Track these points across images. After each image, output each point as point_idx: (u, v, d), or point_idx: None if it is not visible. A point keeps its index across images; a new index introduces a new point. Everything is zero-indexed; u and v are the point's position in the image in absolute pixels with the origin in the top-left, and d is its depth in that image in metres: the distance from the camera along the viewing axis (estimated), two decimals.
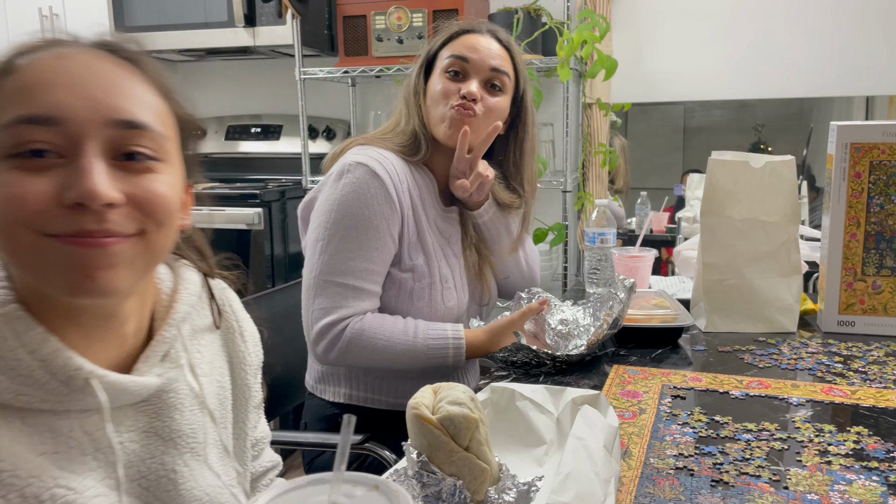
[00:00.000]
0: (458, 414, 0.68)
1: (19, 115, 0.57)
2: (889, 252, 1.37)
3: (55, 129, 0.58)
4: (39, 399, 0.61)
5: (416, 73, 1.40)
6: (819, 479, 0.83)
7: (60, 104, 0.58)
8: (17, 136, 0.58)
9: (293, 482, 0.45)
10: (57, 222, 0.58)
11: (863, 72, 2.73)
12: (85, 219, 0.58)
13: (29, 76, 0.59)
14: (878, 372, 1.18)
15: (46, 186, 0.58)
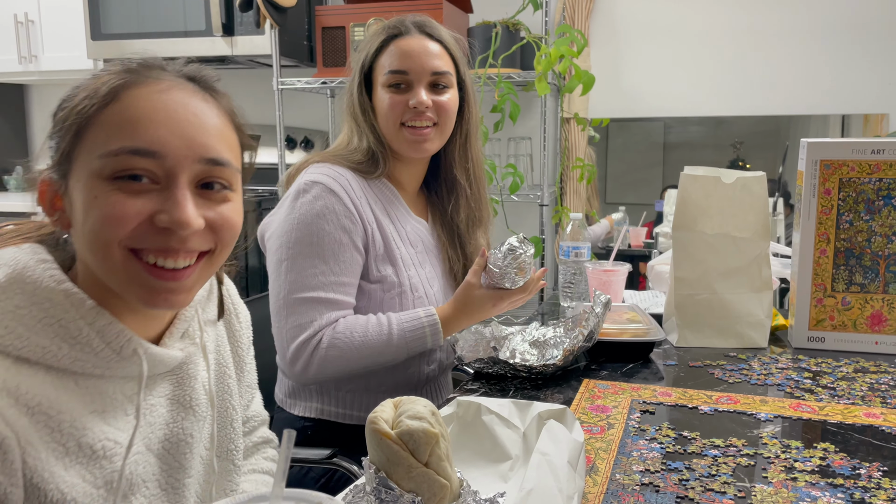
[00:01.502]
0: (417, 429, 0.67)
1: (126, 147, 0.66)
2: (858, 268, 1.38)
3: (155, 161, 0.68)
4: (92, 364, 0.70)
5: (357, 89, 1.36)
6: (784, 495, 0.83)
7: (161, 140, 0.68)
8: (121, 164, 0.67)
9: (234, 499, 0.43)
10: (146, 239, 0.69)
11: (838, 90, 2.77)
12: (171, 239, 0.69)
13: (134, 109, 0.68)
14: (846, 388, 1.18)
15: (142, 208, 0.67)
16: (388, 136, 1.35)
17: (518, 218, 2.90)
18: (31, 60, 3.28)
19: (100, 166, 0.67)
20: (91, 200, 0.67)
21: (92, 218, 0.67)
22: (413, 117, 1.32)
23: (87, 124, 0.68)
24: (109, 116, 0.68)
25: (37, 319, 0.67)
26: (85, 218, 0.68)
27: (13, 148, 3.76)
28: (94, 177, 0.67)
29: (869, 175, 1.35)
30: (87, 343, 0.69)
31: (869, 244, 1.37)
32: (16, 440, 0.62)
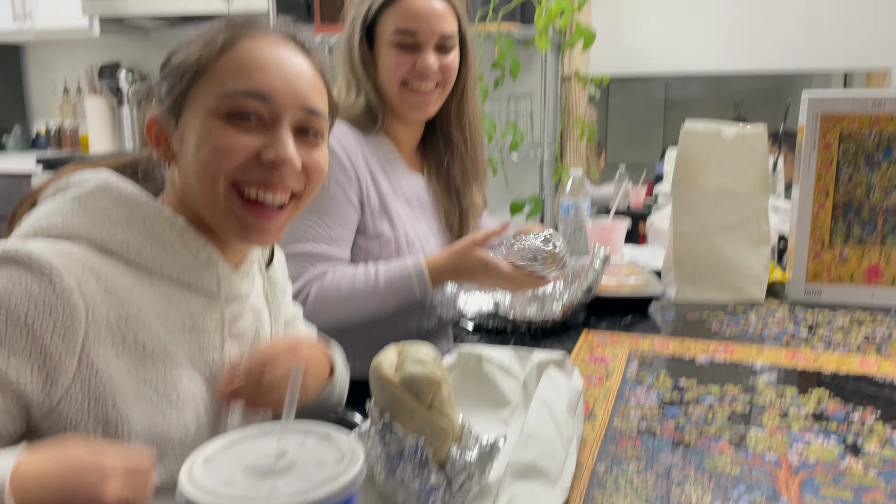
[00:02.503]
0: (420, 374, 0.68)
1: (241, 89, 0.74)
2: (857, 222, 1.38)
3: (264, 103, 0.75)
4: (171, 265, 0.76)
5: (359, 43, 1.33)
6: (778, 439, 0.85)
7: (272, 86, 0.76)
8: (236, 103, 0.74)
9: (244, 431, 0.45)
10: (250, 172, 0.76)
11: (841, 47, 2.74)
12: (273, 174, 0.76)
13: (248, 58, 0.76)
14: (842, 339, 1.20)
15: (251, 143, 0.75)
16: (388, 93, 1.34)
17: (518, 176, 2.89)
18: (25, 18, 3.24)
19: (216, 105, 0.75)
20: (206, 134, 0.75)
21: (205, 150, 0.75)
22: (417, 78, 1.31)
23: (205, 69, 0.76)
24: (226, 62, 0.76)
25: (123, 218, 0.75)
26: (197, 150, 0.75)
27: (11, 109, 3.74)
28: (210, 114, 0.75)
29: (869, 128, 1.35)
30: (167, 243, 0.76)
31: (868, 197, 1.37)
32: (85, 314, 0.67)
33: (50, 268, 0.66)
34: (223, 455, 0.43)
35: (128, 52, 3.57)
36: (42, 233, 0.72)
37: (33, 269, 0.65)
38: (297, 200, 0.82)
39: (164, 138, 0.80)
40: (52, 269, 0.66)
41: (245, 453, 0.42)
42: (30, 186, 2.98)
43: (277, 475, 0.40)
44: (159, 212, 0.77)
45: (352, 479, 0.40)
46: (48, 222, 0.73)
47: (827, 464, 0.79)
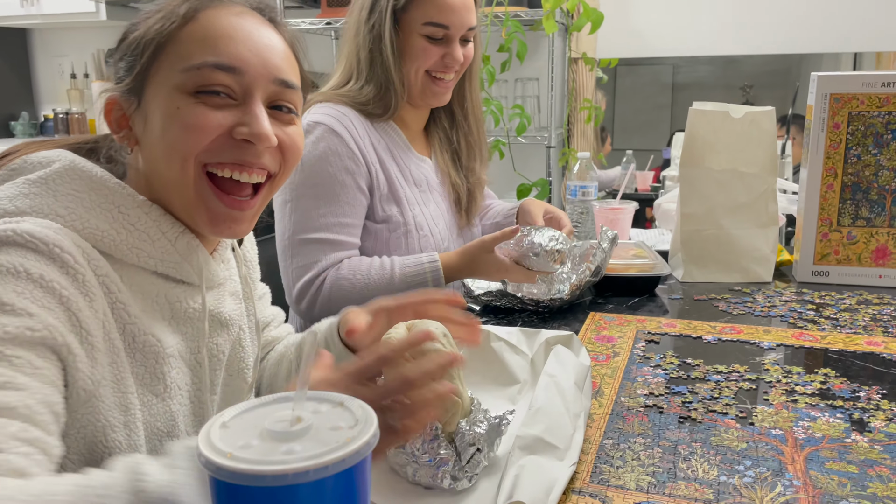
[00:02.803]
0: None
1: (209, 61, 0.69)
2: (865, 203, 1.38)
3: (234, 76, 0.70)
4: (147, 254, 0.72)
5: (389, 31, 1.30)
6: (784, 415, 0.85)
7: (242, 57, 0.71)
8: (203, 78, 0.69)
9: (259, 400, 0.46)
10: (223, 152, 0.71)
11: (850, 28, 2.72)
12: (247, 152, 0.72)
13: (214, 28, 0.71)
14: (849, 319, 1.20)
15: (223, 120, 0.70)
16: (410, 81, 1.34)
17: (525, 160, 2.89)
18: (32, 3, 3.24)
19: (182, 80, 0.70)
20: (173, 112, 0.70)
21: (174, 129, 0.70)
22: (442, 69, 1.32)
23: (167, 42, 0.70)
24: (190, 34, 0.70)
25: (95, 203, 0.70)
26: (164, 130, 0.70)
27: (18, 94, 3.75)
28: (175, 90, 0.70)
29: (878, 108, 1.34)
30: (143, 231, 0.71)
31: (876, 178, 1.37)
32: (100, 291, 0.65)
33: (60, 248, 0.63)
34: (239, 420, 0.43)
35: None
36: (6, 216, 0.66)
37: (39, 249, 0.62)
38: (272, 182, 0.77)
39: (125, 121, 0.74)
40: (62, 249, 0.63)
41: (261, 419, 0.43)
42: None
43: (293, 439, 0.41)
44: (133, 197, 0.72)
45: (366, 443, 0.41)
46: (13, 206, 0.67)
47: (833, 439, 0.80)
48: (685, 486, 0.71)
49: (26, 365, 0.57)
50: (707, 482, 0.71)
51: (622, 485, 0.71)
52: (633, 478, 0.72)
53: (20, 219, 0.65)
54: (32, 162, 0.72)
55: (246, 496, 0.39)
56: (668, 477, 0.72)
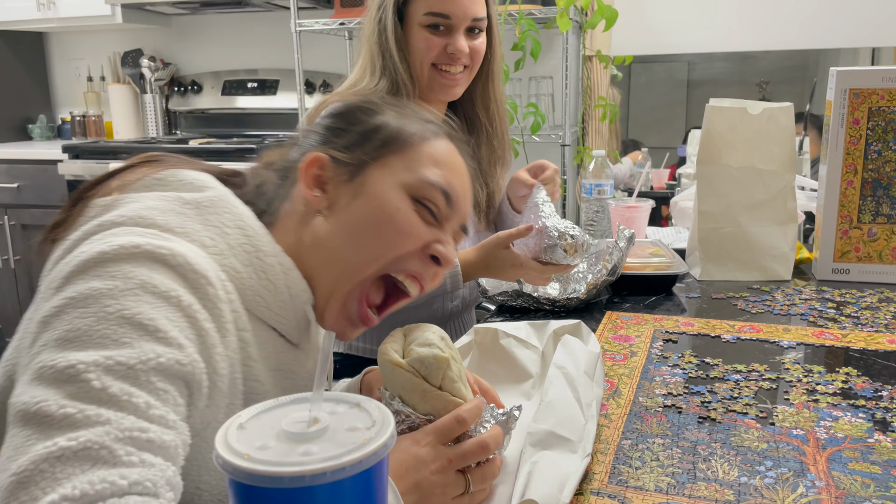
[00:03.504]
0: (427, 354, 0.68)
1: (440, 186, 0.74)
2: (885, 199, 1.36)
3: (447, 206, 0.75)
4: (265, 305, 0.70)
5: (392, 25, 1.32)
6: (806, 415, 0.84)
7: (458, 195, 0.76)
8: (430, 193, 0.73)
9: (276, 401, 0.45)
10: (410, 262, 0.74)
11: (868, 22, 2.68)
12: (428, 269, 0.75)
13: (450, 160, 0.77)
14: (870, 317, 1.19)
15: (427, 237, 0.74)
16: (417, 74, 1.34)
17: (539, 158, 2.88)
18: (49, 7, 3.27)
19: (412, 184, 0.73)
20: (391, 210, 0.72)
21: (386, 226, 0.71)
22: (447, 61, 1.31)
23: (410, 147, 0.74)
24: (432, 152, 0.75)
25: (238, 242, 0.69)
26: (373, 221, 0.71)
27: (35, 97, 3.78)
28: (401, 189, 0.73)
29: None
30: (272, 282, 0.70)
31: None
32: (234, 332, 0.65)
33: (207, 280, 0.62)
34: (256, 421, 0.43)
35: (150, 39, 3.59)
36: (156, 229, 0.65)
37: (188, 276, 0.61)
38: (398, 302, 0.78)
39: (321, 182, 0.74)
40: (208, 281, 0.62)
41: (278, 420, 0.43)
42: (56, 171, 3.02)
43: (310, 440, 0.41)
44: (276, 251, 0.71)
45: (383, 444, 0.40)
46: (164, 220, 0.66)
47: (855, 440, 0.79)
48: (705, 486, 0.70)
49: (171, 400, 0.56)
50: (727, 483, 0.70)
51: (641, 486, 0.70)
52: (652, 479, 0.71)
53: (170, 237, 0.64)
54: (184, 180, 0.72)
55: (263, 497, 0.39)
56: (688, 478, 0.71)
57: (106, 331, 0.55)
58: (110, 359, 0.54)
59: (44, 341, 0.56)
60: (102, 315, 0.56)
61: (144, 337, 0.56)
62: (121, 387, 0.53)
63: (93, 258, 0.59)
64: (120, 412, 0.52)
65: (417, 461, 0.64)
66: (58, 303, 0.57)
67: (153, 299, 0.58)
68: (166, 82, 3.53)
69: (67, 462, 0.49)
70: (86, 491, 0.47)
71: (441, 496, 0.65)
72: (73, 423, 0.51)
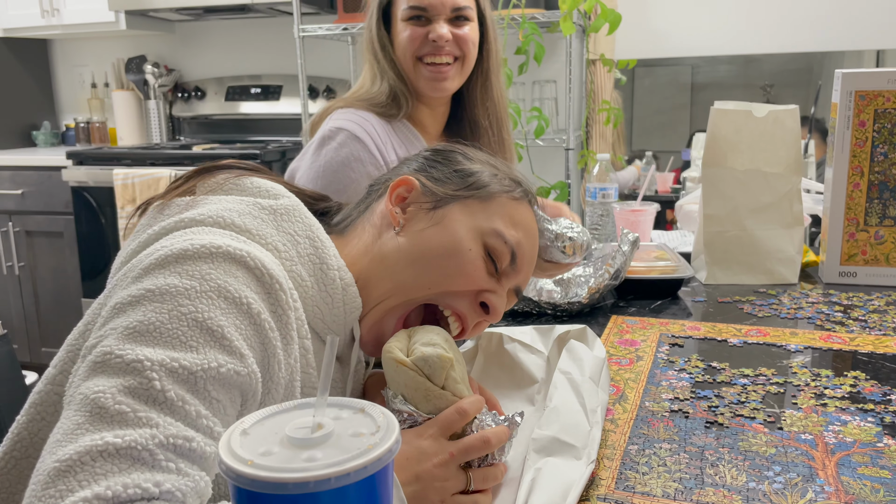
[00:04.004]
0: (432, 354, 0.68)
1: (507, 239, 0.77)
2: (892, 202, 1.35)
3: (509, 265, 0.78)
4: (321, 316, 0.72)
5: (376, 24, 1.34)
6: (814, 420, 0.83)
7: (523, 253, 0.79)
8: (497, 243, 0.76)
9: (279, 406, 0.45)
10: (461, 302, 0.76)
11: (873, 25, 2.68)
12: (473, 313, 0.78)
13: (525, 222, 0.80)
14: (878, 320, 1.18)
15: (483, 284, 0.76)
16: (406, 71, 1.34)
17: (543, 162, 2.88)
18: (53, 14, 3.28)
19: (485, 232, 0.76)
20: (462, 249, 0.74)
21: (453, 262, 0.74)
22: (432, 52, 1.31)
23: (495, 197, 0.78)
24: (510, 210, 0.79)
25: (306, 252, 0.72)
26: (443, 254, 0.74)
27: (39, 104, 3.79)
28: (477, 233, 0.76)
29: None
30: (331, 294, 0.72)
31: None
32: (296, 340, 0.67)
33: (280, 286, 0.64)
34: (260, 427, 0.43)
35: (153, 45, 3.60)
36: (232, 229, 0.68)
37: (263, 280, 0.63)
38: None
39: (404, 203, 0.78)
40: (280, 287, 0.64)
41: (282, 425, 0.42)
42: (60, 177, 3.03)
43: (314, 446, 0.40)
44: (340, 265, 0.74)
45: (388, 449, 0.40)
46: (241, 222, 0.69)
47: (864, 444, 0.78)
48: (713, 492, 0.69)
49: (221, 411, 0.58)
50: (736, 488, 0.69)
51: (648, 491, 0.69)
52: (659, 484, 0.71)
53: (247, 240, 0.67)
54: (261, 187, 0.75)
55: (267, 503, 0.38)
56: (696, 483, 0.71)
57: (177, 331, 0.57)
58: (175, 361, 0.55)
59: (114, 325, 0.57)
60: (176, 314, 0.57)
61: (210, 343, 0.58)
62: (178, 392, 0.55)
63: (174, 254, 0.61)
64: (170, 417, 0.54)
65: (419, 453, 0.65)
66: (135, 292, 0.59)
67: (225, 304, 0.60)
68: (170, 88, 3.54)
69: (109, 458, 0.50)
70: (118, 493, 0.49)
71: (440, 490, 0.65)
72: (124, 421, 0.52)
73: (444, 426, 0.67)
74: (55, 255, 3.22)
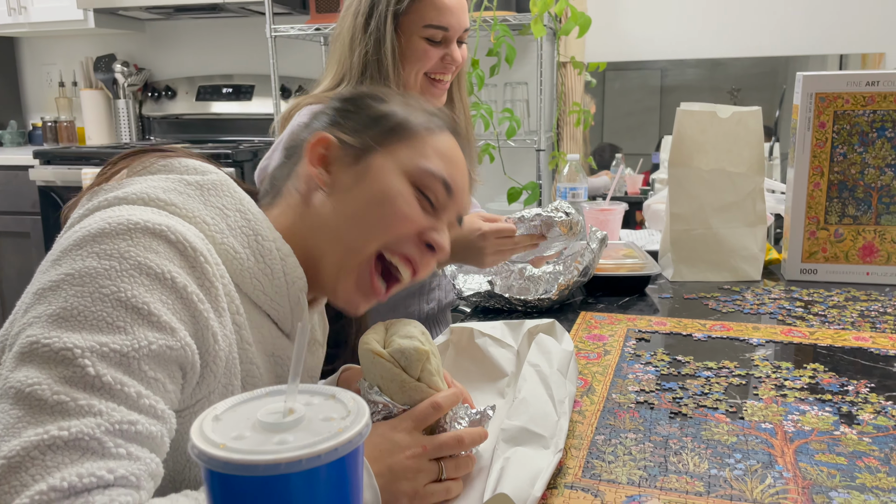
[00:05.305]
0: (408, 347, 0.69)
1: (442, 178, 0.75)
2: (851, 201, 1.40)
3: (448, 194, 0.76)
4: (261, 289, 0.71)
5: (391, 33, 1.31)
6: (774, 410, 0.86)
7: (458, 184, 0.77)
8: (431, 185, 0.75)
9: (251, 393, 0.46)
10: (404, 246, 0.75)
11: (836, 30, 2.75)
12: (423, 255, 0.76)
13: (452, 154, 0.78)
14: (837, 315, 1.21)
15: (423, 223, 0.75)
16: (409, 84, 1.35)
17: (515, 163, 2.90)
18: (20, 12, 3.24)
19: (415, 174, 0.74)
20: (392, 194, 0.73)
21: (385, 209, 0.73)
22: (441, 70, 1.34)
23: (416, 137, 0.76)
24: (436, 144, 0.77)
25: (237, 224, 0.71)
26: (374, 204, 0.73)
27: (6, 102, 3.73)
28: (405, 176, 0.74)
29: (863, 107, 1.36)
30: (270, 266, 0.71)
31: (862, 176, 1.38)
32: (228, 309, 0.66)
33: (204, 258, 0.63)
34: (232, 413, 0.44)
35: (123, 44, 3.56)
36: (156, 205, 0.66)
37: (186, 254, 0.62)
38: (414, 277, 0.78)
39: (326, 163, 0.76)
40: (206, 259, 0.63)
41: (253, 411, 0.43)
42: (27, 177, 2.98)
43: (286, 430, 0.41)
44: (276, 236, 0.73)
45: (358, 432, 0.41)
46: (166, 197, 0.67)
47: (822, 432, 0.80)
48: (676, 479, 0.71)
49: (161, 389, 0.57)
50: (698, 475, 0.72)
51: (614, 479, 0.71)
52: (624, 472, 0.73)
53: (169, 214, 0.65)
54: (187, 166, 0.74)
55: (239, 486, 0.39)
56: (660, 471, 0.73)
57: (101, 313, 0.56)
58: (105, 345, 0.54)
59: (37, 313, 0.56)
60: (98, 296, 0.56)
61: (138, 321, 0.57)
62: (114, 375, 0.54)
63: (92, 234, 0.60)
64: (111, 402, 0.53)
65: (393, 445, 0.66)
66: (55, 277, 0.58)
67: (148, 281, 0.58)
68: (140, 88, 3.50)
69: (58, 451, 0.50)
70: (73, 483, 0.49)
71: (413, 481, 0.66)
72: (66, 412, 0.51)
73: (419, 420, 0.69)
74: (22, 256, 3.17)
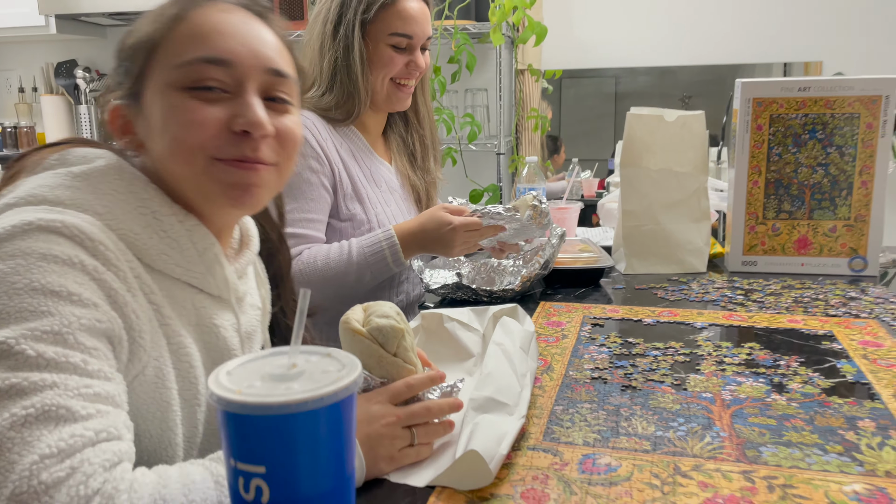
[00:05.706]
0: (385, 325, 0.77)
1: (199, 56, 0.70)
2: (787, 197, 1.51)
3: (225, 69, 0.71)
4: (175, 262, 0.72)
5: (359, 40, 1.37)
6: (714, 382, 0.96)
7: (231, 50, 0.71)
8: (195, 73, 0.70)
9: (257, 353, 0.53)
10: (225, 148, 0.71)
11: (780, 40, 2.90)
12: (245, 146, 0.72)
13: (202, 25, 0.72)
14: (773, 301, 1.32)
15: (219, 114, 0.71)
16: (376, 89, 1.42)
17: (476, 166, 3.00)
18: None
19: (175, 77, 0.70)
20: (169, 110, 0.70)
21: (173, 126, 0.70)
22: (406, 76, 1.42)
23: (160, 43, 0.72)
24: (179, 33, 0.71)
25: (133, 206, 0.70)
26: (164, 128, 0.71)
27: None
28: (170, 88, 0.70)
29: (796, 111, 1.48)
30: (175, 239, 0.72)
31: (796, 175, 1.50)
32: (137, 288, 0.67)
33: (104, 245, 0.63)
34: (242, 369, 0.51)
35: (84, 50, 3.56)
36: (47, 204, 0.65)
37: (85, 244, 0.62)
38: (278, 169, 0.77)
39: (129, 127, 0.75)
40: (106, 247, 0.63)
41: (261, 367, 0.50)
42: None
43: (291, 379, 0.48)
44: (175, 210, 0.72)
45: (353, 380, 0.48)
46: (53, 195, 0.66)
47: (755, 399, 0.90)
48: (626, 440, 0.80)
49: (103, 355, 0.59)
50: (645, 436, 0.80)
51: (571, 441, 0.80)
52: (580, 435, 0.81)
53: (62, 210, 0.65)
54: (76, 156, 0.73)
55: (253, 424, 0.46)
56: (612, 433, 0.81)
57: (21, 304, 0.56)
58: (35, 329, 0.56)
59: None
60: (13, 292, 0.57)
61: (60, 302, 0.58)
62: (55, 350, 0.56)
63: None
64: (62, 373, 0.55)
65: (369, 416, 0.73)
66: None
67: (57, 267, 0.59)
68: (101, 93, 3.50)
69: (33, 426, 0.52)
70: (61, 447, 0.51)
71: (388, 447, 0.73)
72: (22, 392, 0.53)
73: (393, 395, 0.76)
74: None
